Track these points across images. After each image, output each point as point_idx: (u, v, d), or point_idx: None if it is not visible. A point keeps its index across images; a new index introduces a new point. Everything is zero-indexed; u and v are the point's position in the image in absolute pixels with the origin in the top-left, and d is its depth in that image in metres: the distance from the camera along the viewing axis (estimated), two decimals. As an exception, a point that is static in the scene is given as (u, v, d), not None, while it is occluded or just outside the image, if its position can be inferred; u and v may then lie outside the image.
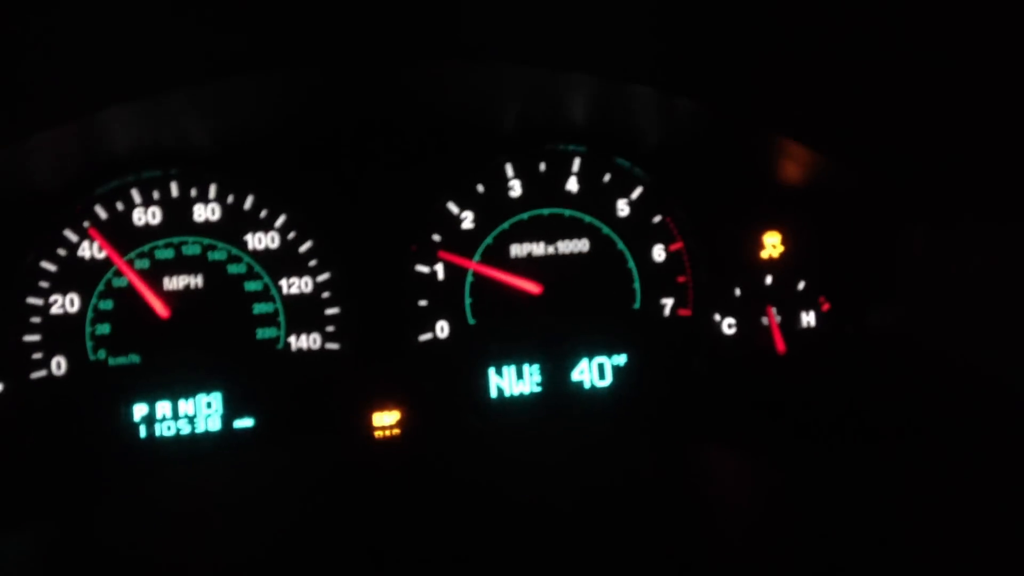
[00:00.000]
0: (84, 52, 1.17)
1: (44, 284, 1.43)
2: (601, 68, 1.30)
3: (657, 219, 1.59)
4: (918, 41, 1.23)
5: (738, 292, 1.59)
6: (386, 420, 1.49)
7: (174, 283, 1.47)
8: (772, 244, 1.60)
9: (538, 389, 1.55)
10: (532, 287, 1.54)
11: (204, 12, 1.14)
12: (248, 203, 1.50)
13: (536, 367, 1.56)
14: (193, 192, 1.49)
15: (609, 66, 1.31)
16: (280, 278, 1.50)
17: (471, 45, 1.29)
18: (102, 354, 1.44)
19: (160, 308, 1.44)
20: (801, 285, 1.59)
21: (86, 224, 1.45)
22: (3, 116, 1.23)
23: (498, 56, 1.31)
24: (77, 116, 1.26)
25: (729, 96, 1.35)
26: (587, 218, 1.58)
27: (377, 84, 1.40)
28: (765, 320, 1.58)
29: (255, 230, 1.50)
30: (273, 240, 1.51)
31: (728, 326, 1.58)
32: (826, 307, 1.60)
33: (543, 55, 1.30)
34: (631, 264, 1.58)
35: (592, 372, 1.56)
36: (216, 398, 1.47)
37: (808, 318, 1.59)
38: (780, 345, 1.57)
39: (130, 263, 1.45)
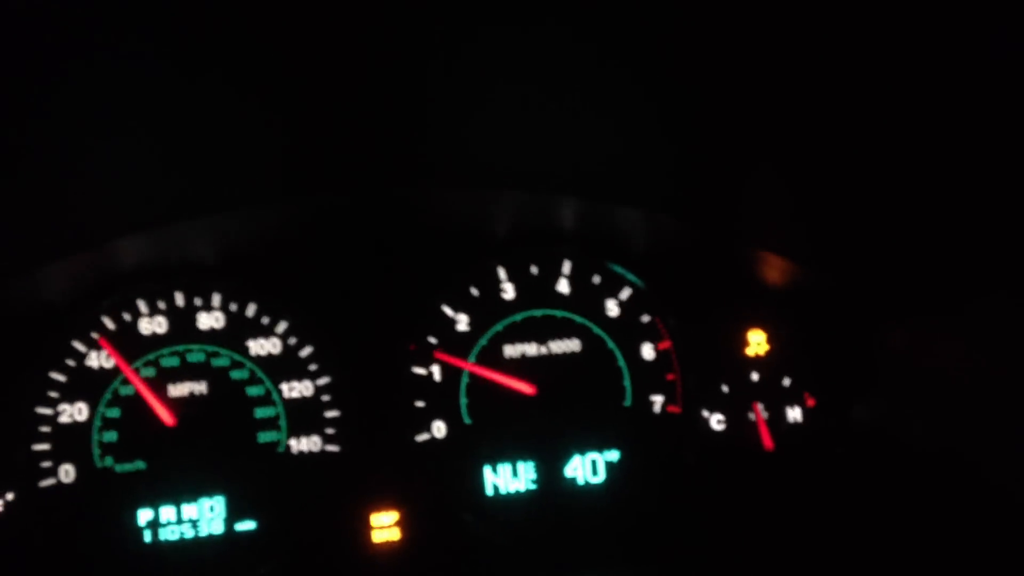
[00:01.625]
0: (92, 185, 1.23)
1: (53, 394, 1.48)
2: (587, 191, 1.37)
3: (646, 319, 1.65)
4: (883, 158, 1.29)
5: (725, 389, 1.63)
6: (384, 520, 1.53)
7: (179, 390, 1.52)
8: (757, 342, 1.65)
9: (533, 486, 1.59)
10: (526, 388, 1.59)
11: (211, 148, 1.20)
12: (250, 311, 1.56)
13: (531, 465, 1.60)
14: (197, 302, 1.54)
15: (594, 189, 1.38)
16: (281, 382, 1.55)
17: (460, 172, 1.36)
18: (109, 461, 1.49)
19: (166, 416, 1.49)
20: (787, 381, 1.64)
21: (94, 335, 1.50)
22: (12, 249, 1.29)
23: (486, 182, 1.38)
24: (88, 248, 1.33)
25: (709, 215, 1.42)
26: (578, 318, 1.63)
27: (370, 206, 1.47)
28: (752, 416, 1.63)
29: (257, 336, 1.56)
30: (275, 346, 1.56)
31: (717, 422, 1.63)
32: (811, 403, 1.64)
33: (530, 180, 1.37)
34: (621, 362, 1.63)
35: (585, 468, 1.61)
36: (219, 502, 1.51)
37: (794, 414, 1.64)
38: (767, 441, 1.61)
39: (136, 371, 1.51)
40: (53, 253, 1.30)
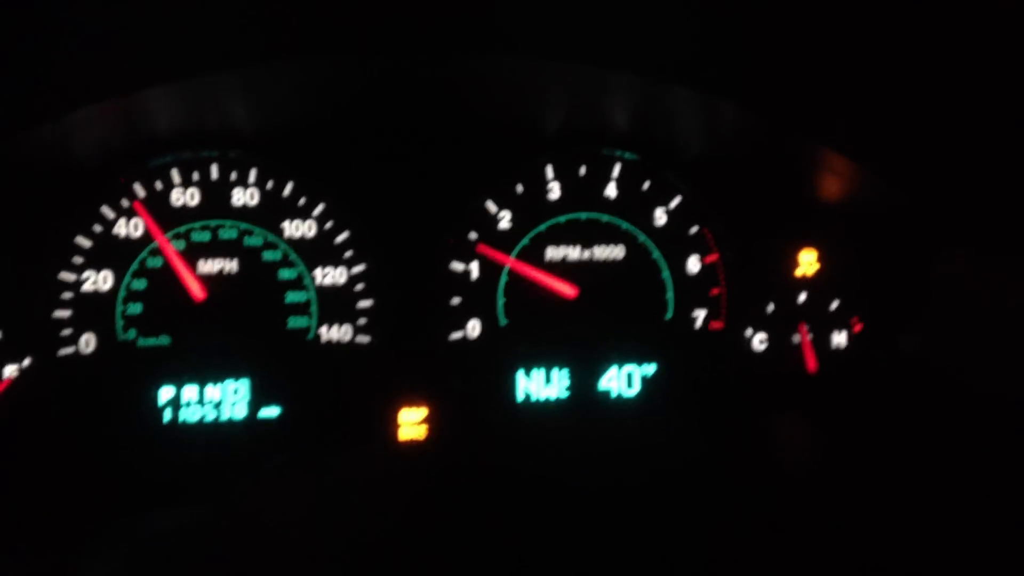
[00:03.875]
0: (132, 30, 1.16)
1: (78, 260, 1.42)
2: (645, 68, 1.29)
3: (694, 230, 1.58)
4: (976, 70, 1.23)
5: (771, 308, 1.58)
6: (412, 417, 1.48)
7: (209, 266, 1.46)
8: (808, 261, 1.59)
9: (565, 394, 1.54)
10: (567, 289, 1.53)
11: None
12: (287, 190, 1.49)
13: (565, 372, 1.55)
14: (233, 176, 1.48)
15: (653, 66, 1.30)
16: (314, 268, 1.49)
17: (515, 40, 1.28)
18: (132, 334, 1.43)
19: (196, 289, 1.43)
20: (835, 304, 1.59)
21: (125, 201, 1.44)
22: (48, 90, 1.22)
23: (541, 52, 1.30)
24: (122, 94, 1.26)
25: (774, 103, 1.34)
26: (624, 225, 1.57)
27: (421, 77, 1.39)
28: (797, 338, 1.58)
29: (292, 218, 1.49)
30: (310, 229, 1.50)
31: (760, 342, 1.58)
32: (858, 328, 1.59)
33: (587, 52, 1.29)
34: (665, 274, 1.57)
35: (620, 380, 1.56)
36: (243, 385, 1.45)
37: (840, 338, 1.59)
38: (811, 363, 1.56)
39: (167, 242, 1.44)
40: (85, 97, 1.23)
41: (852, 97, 1.28)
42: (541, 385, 1.54)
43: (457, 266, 1.53)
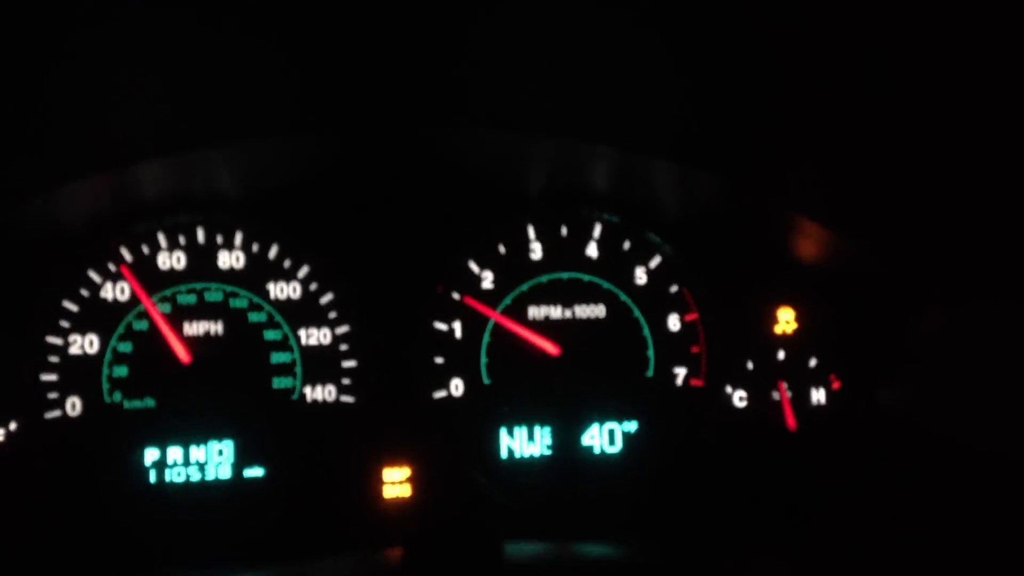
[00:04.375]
0: (118, 107, 1.19)
1: (65, 324, 1.44)
2: (623, 141, 1.33)
3: (674, 289, 1.61)
4: (944, 144, 1.26)
5: (750, 365, 1.60)
6: (396, 476, 1.50)
7: (194, 329, 1.48)
8: (786, 320, 1.62)
9: (548, 452, 1.56)
10: (550, 347, 1.55)
11: (238, 75, 1.16)
12: (272, 252, 1.52)
13: (547, 430, 1.56)
14: (218, 239, 1.50)
15: (631, 140, 1.33)
16: (299, 328, 1.51)
17: (493, 115, 1.31)
18: (117, 396, 1.45)
19: (182, 352, 1.45)
20: (813, 362, 1.61)
21: (112, 265, 1.46)
22: (34, 166, 1.25)
23: (521, 126, 1.34)
24: (108, 169, 1.29)
25: (749, 174, 1.37)
26: (605, 284, 1.60)
27: (402, 148, 1.43)
28: (776, 395, 1.60)
29: (277, 279, 1.51)
30: (295, 290, 1.52)
31: (739, 399, 1.60)
32: (837, 385, 1.61)
33: (566, 127, 1.33)
34: (646, 332, 1.60)
35: (603, 437, 1.57)
36: (228, 446, 1.47)
37: (819, 395, 1.61)
38: (791, 421, 1.58)
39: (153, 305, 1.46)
40: (73, 173, 1.25)
41: (826, 168, 1.32)
42: (524, 443, 1.56)
43: (440, 325, 1.55)
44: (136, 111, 1.21)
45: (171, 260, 1.48)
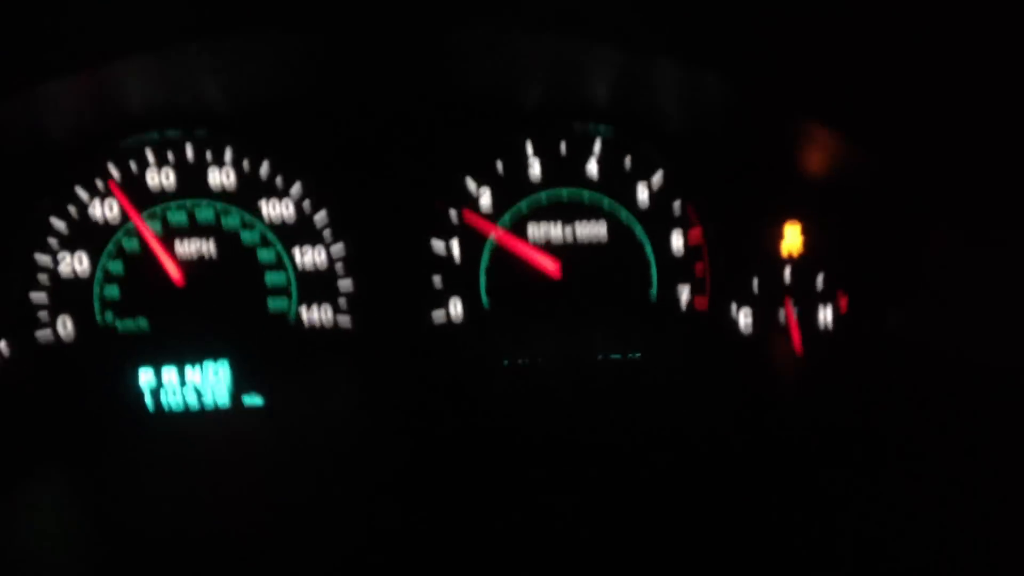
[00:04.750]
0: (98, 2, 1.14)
1: (53, 242, 1.41)
2: (626, 39, 1.27)
3: (677, 207, 1.56)
4: (966, 44, 1.20)
5: (756, 285, 1.56)
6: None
7: (186, 248, 1.44)
8: (793, 237, 1.57)
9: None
10: (550, 265, 1.51)
11: None
12: (264, 170, 1.48)
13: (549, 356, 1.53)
14: (208, 156, 1.46)
15: (634, 38, 1.28)
16: (293, 248, 1.48)
17: (493, 11, 1.25)
18: (109, 317, 1.42)
19: (175, 272, 1.42)
20: (820, 281, 1.57)
21: (100, 182, 1.42)
22: (13, 63, 1.20)
23: (522, 23, 1.28)
24: (88, 66, 1.23)
25: (756, 73, 1.31)
26: (607, 202, 1.55)
27: (398, 52, 1.37)
28: (783, 316, 1.56)
29: (269, 197, 1.48)
30: (288, 209, 1.48)
31: (745, 321, 1.56)
32: (845, 306, 1.57)
33: (566, 23, 1.27)
34: (649, 252, 1.56)
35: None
36: (224, 368, 1.44)
37: (826, 315, 1.57)
38: (797, 343, 1.55)
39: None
40: (54, 69, 1.20)
41: (838, 68, 1.26)
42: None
43: (438, 246, 1.52)
44: (114, 4, 1.16)
45: (160, 177, 1.44)
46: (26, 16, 1.13)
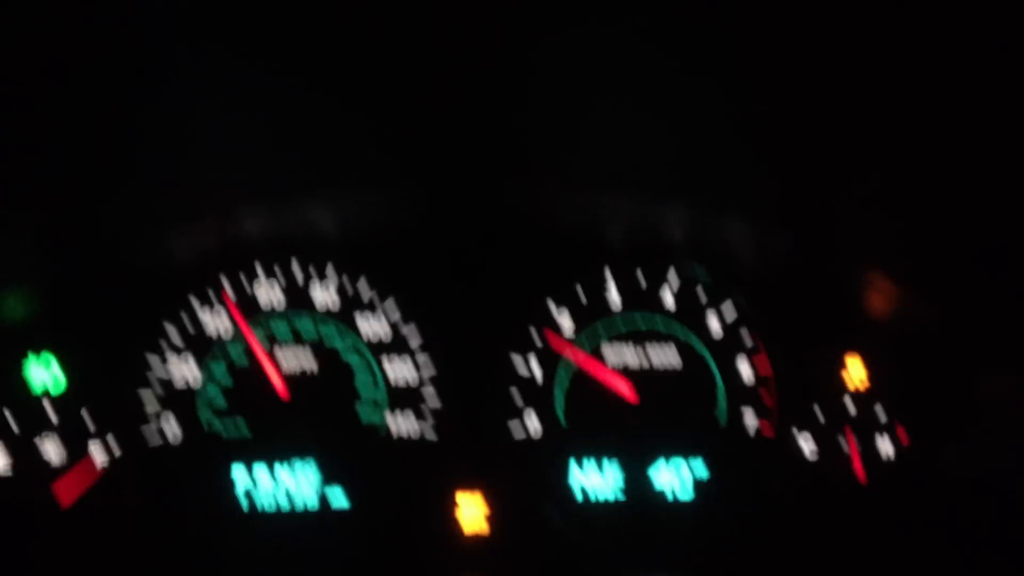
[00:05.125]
0: (225, 155, 1.28)
1: (168, 354, 1.52)
2: (698, 199, 1.40)
3: (747, 338, 1.66)
4: (1009, 196, 1.30)
5: (820, 415, 1.64)
6: (476, 512, 1.54)
7: (288, 362, 1.55)
8: (856, 370, 1.65)
9: (622, 497, 1.59)
10: (628, 391, 1.60)
11: (334, 131, 1.25)
12: (363, 290, 1.59)
13: (621, 476, 1.60)
14: (312, 274, 1.58)
15: (706, 197, 1.40)
16: (387, 365, 1.58)
17: (568, 171, 1.39)
18: (216, 425, 1.51)
19: (280, 387, 1.51)
20: (882, 414, 1.64)
21: (213, 295, 1.54)
22: (151, 207, 1.34)
23: (595, 184, 1.41)
24: (213, 213, 1.38)
25: (821, 232, 1.43)
26: (680, 333, 1.65)
27: (484, 203, 1.51)
28: (845, 446, 1.63)
29: (368, 318, 1.58)
30: (384, 328, 1.59)
31: (810, 450, 1.63)
32: (906, 440, 1.64)
33: (640, 184, 1.40)
34: (719, 381, 1.64)
35: (675, 485, 1.61)
36: (316, 476, 1.52)
37: (887, 447, 1.64)
38: (860, 473, 1.61)
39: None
40: (181, 216, 1.35)
41: (895, 221, 1.36)
42: (599, 488, 1.60)
43: (521, 369, 1.61)
44: (242, 161, 1.30)
45: (269, 294, 1.56)
46: (163, 165, 1.27)
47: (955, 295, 1.47)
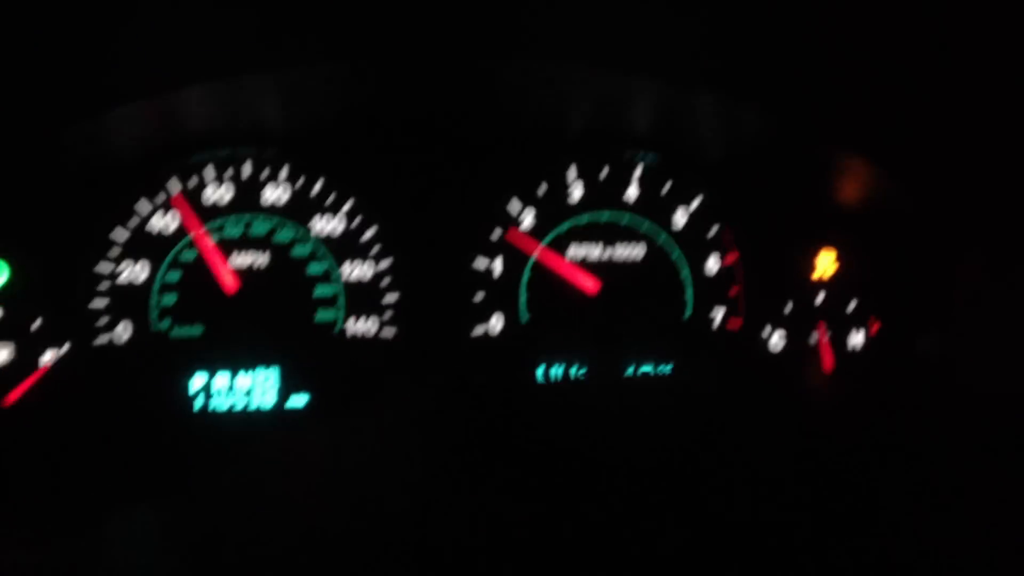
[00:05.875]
0: (166, 32, 1.21)
1: (114, 252, 1.47)
2: (667, 73, 1.34)
3: (714, 230, 1.61)
4: (995, 77, 1.25)
5: (789, 307, 1.60)
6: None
7: (240, 260, 1.50)
8: (826, 262, 1.61)
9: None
10: (590, 283, 1.56)
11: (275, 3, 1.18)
12: (317, 187, 1.54)
13: (584, 370, 1.57)
14: (264, 173, 1.52)
15: (675, 72, 1.34)
16: (343, 262, 1.53)
17: (538, 45, 1.32)
18: (165, 324, 1.48)
19: (229, 281, 1.47)
20: (852, 305, 1.61)
21: (161, 196, 1.49)
22: (86, 89, 1.27)
23: (565, 57, 1.34)
24: (156, 94, 1.31)
25: (793, 107, 1.37)
26: (645, 225, 1.60)
27: (447, 80, 1.44)
28: (814, 338, 1.60)
29: (322, 214, 1.54)
30: (338, 224, 1.54)
31: (777, 341, 1.60)
32: (876, 329, 1.61)
33: (609, 57, 1.33)
34: (685, 273, 1.60)
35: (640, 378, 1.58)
36: (273, 375, 1.49)
37: (857, 338, 1.61)
38: (828, 363, 1.58)
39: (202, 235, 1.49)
40: (120, 97, 1.28)
41: (872, 102, 1.31)
42: (560, 380, 1.57)
43: (480, 263, 1.57)
44: (184, 36, 1.24)
45: (218, 192, 1.51)
46: (98, 43, 1.21)
47: (930, 180, 1.43)
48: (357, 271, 1.54)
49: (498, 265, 1.57)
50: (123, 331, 1.46)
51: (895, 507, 1.40)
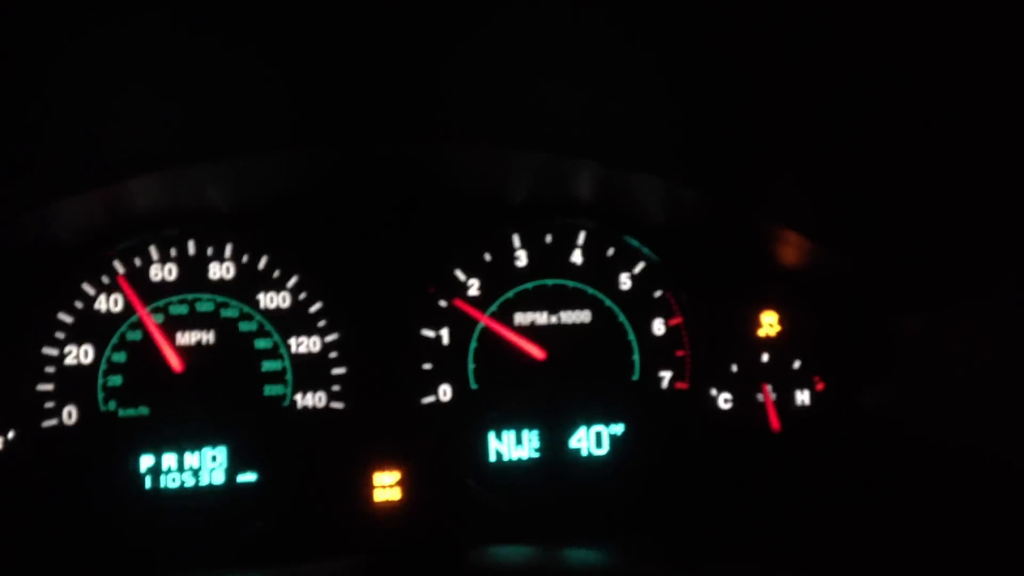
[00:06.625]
0: (109, 123, 1.22)
1: (60, 335, 1.47)
2: (606, 156, 1.36)
3: (658, 294, 1.63)
4: (916, 146, 1.28)
5: (735, 368, 1.62)
6: (386, 480, 1.53)
7: (186, 338, 1.51)
8: (769, 323, 1.64)
9: (536, 455, 1.59)
10: (537, 351, 1.58)
11: (228, 92, 1.19)
12: (262, 263, 1.55)
13: (535, 433, 1.59)
14: (209, 251, 1.53)
15: (614, 154, 1.36)
16: (289, 337, 1.54)
17: (477, 130, 1.34)
18: (112, 405, 1.48)
19: (175, 361, 1.48)
20: (796, 364, 1.63)
21: (106, 278, 1.49)
22: (28, 182, 1.28)
23: (503, 141, 1.36)
24: (100, 185, 1.32)
25: (730, 188, 1.40)
26: (590, 290, 1.62)
27: (388, 162, 1.46)
28: (760, 397, 1.62)
29: (267, 289, 1.55)
30: (284, 300, 1.55)
31: (724, 401, 1.62)
32: (821, 386, 1.63)
33: (549, 141, 1.35)
34: (631, 336, 1.62)
35: (590, 440, 1.60)
36: (221, 452, 1.50)
37: (803, 396, 1.63)
38: (775, 422, 1.60)
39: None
40: (67, 188, 1.29)
41: (805, 180, 1.34)
42: (512, 446, 1.58)
43: (428, 332, 1.58)
44: (128, 127, 1.24)
45: (163, 272, 1.52)
46: (41, 136, 1.21)
47: (863, 244, 1.45)
48: (304, 345, 1.55)
49: (445, 334, 1.59)
50: (70, 414, 1.47)
51: (846, 558, 1.43)
